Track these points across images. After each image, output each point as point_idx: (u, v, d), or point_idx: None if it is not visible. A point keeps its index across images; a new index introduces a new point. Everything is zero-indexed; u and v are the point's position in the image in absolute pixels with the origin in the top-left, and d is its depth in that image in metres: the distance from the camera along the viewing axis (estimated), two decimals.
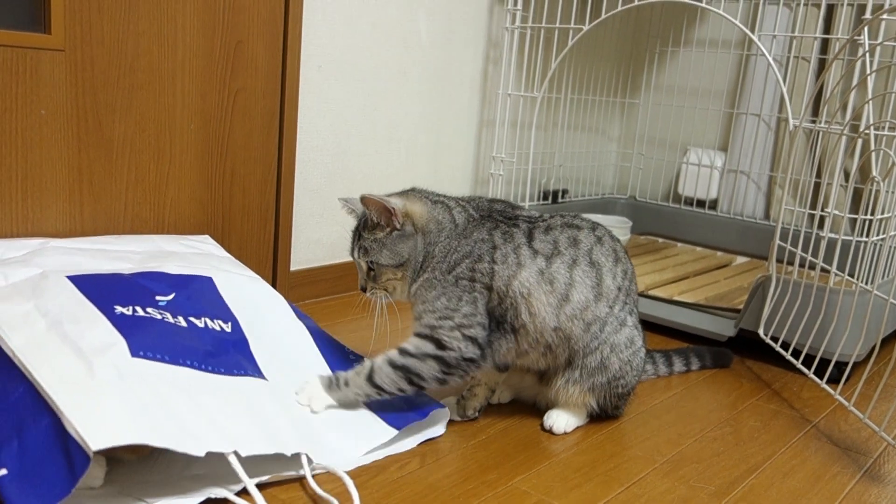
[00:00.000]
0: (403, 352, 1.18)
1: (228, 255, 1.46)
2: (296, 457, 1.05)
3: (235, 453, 0.96)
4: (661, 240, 2.57)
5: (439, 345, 1.17)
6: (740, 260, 2.37)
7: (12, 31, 1.26)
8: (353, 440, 1.12)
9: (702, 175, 2.54)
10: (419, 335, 1.19)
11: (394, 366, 1.16)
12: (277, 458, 1.07)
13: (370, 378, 1.16)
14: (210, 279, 1.28)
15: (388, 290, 1.23)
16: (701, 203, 2.56)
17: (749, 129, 2.45)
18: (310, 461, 1.04)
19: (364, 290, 1.25)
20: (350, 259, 1.27)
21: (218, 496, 0.97)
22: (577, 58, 2.46)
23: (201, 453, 0.90)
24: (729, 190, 2.51)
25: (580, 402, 1.26)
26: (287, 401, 1.13)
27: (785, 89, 1.66)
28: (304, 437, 1.06)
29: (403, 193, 1.26)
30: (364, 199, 1.18)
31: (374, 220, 1.20)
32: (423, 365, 1.16)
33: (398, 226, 1.20)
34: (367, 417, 1.16)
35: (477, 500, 1.04)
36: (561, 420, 1.26)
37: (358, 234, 1.23)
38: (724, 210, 2.51)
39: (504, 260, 1.19)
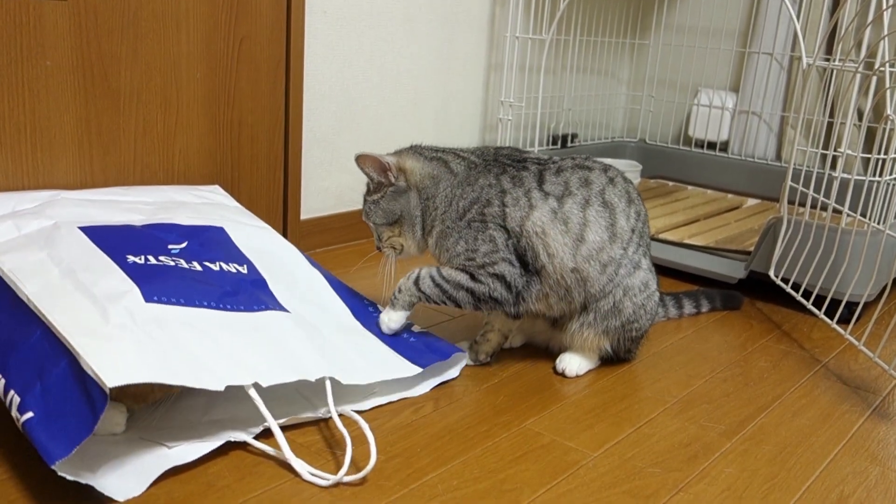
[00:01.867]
0: (441, 275, 1.22)
1: (238, 205, 1.47)
2: (312, 400, 1.07)
3: (256, 387, 0.97)
4: (671, 183, 2.56)
5: (472, 277, 1.20)
6: (751, 202, 2.36)
7: None
8: (379, 369, 1.14)
9: (713, 117, 2.51)
10: (454, 268, 1.22)
11: (434, 281, 1.22)
12: (295, 401, 1.09)
13: (417, 283, 1.22)
14: (222, 228, 1.28)
15: (395, 248, 1.27)
16: (712, 145, 2.54)
17: (761, 68, 2.42)
18: (324, 410, 1.05)
19: (379, 249, 1.30)
20: (358, 207, 1.32)
21: (237, 439, 0.99)
22: None
23: (220, 387, 0.91)
24: (740, 131, 2.48)
25: (594, 346, 1.27)
26: (311, 330, 1.13)
27: (799, 27, 1.63)
28: (329, 362, 1.07)
29: (399, 151, 1.28)
30: (359, 158, 1.22)
31: (373, 181, 1.24)
32: (456, 293, 1.21)
33: (393, 180, 1.23)
34: (391, 356, 1.18)
35: (491, 442, 1.06)
36: (573, 363, 1.28)
37: (364, 199, 1.28)
38: (735, 152, 2.49)
39: (515, 203, 1.19)
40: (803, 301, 1.56)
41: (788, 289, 1.61)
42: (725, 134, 2.51)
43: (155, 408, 1.03)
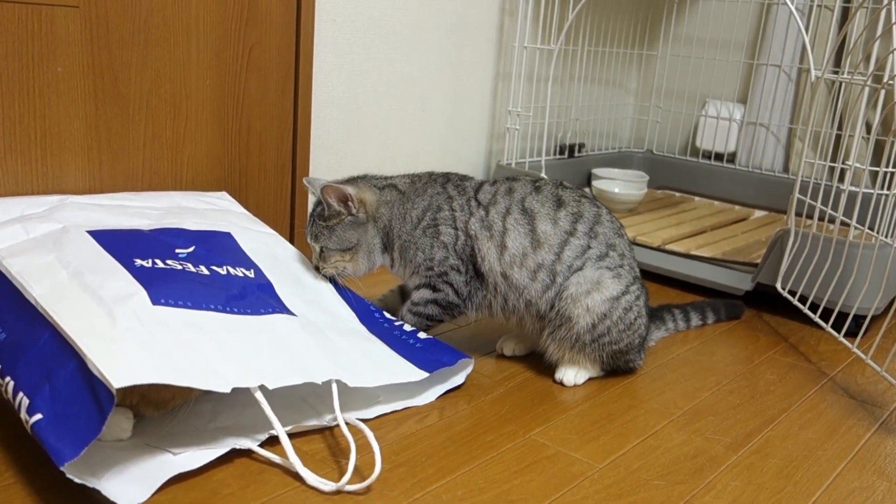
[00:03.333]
0: (413, 303, 1.32)
1: (245, 211, 1.47)
2: (317, 408, 1.07)
3: (263, 391, 0.97)
4: (678, 194, 2.56)
5: (434, 289, 1.30)
6: (758, 214, 2.35)
7: None
8: (385, 372, 1.13)
9: (720, 128, 2.51)
10: (418, 286, 1.32)
11: (411, 312, 1.32)
12: (299, 409, 1.09)
13: (404, 323, 1.31)
14: (229, 234, 1.29)
15: (338, 270, 1.32)
16: (719, 156, 2.54)
17: (769, 80, 2.41)
18: (331, 414, 1.06)
19: (317, 269, 1.33)
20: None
21: (242, 447, 0.99)
22: (594, 9, 2.42)
23: (226, 389, 0.91)
24: (748, 143, 2.48)
25: (573, 359, 1.28)
26: (318, 333, 1.13)
27: (807, 39, 1.63)
28: (335, 364, 1.07)
29: (353, 180, 1.36)
30: (324, 189, 1.28)
31: (332, 208, 1.30)
32: (426, 309, 1.31)
33: (354, 211, 1.30)
34: (398, 360, 1.18)
35: (496, 452, 1.06)
36: (570, 373, 1.28)
37: (312, 220, 1.32)
38: (742, 163, 2.49)
39: (461, 208, 1.30)
40: (810, 314, 1.56)
41: (795, 301, 1.60)
42: (733, 145, 2.50)
43: (173, 415, 1.04)
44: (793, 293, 1.61)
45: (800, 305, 1.59)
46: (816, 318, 1.54)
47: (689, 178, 2.56)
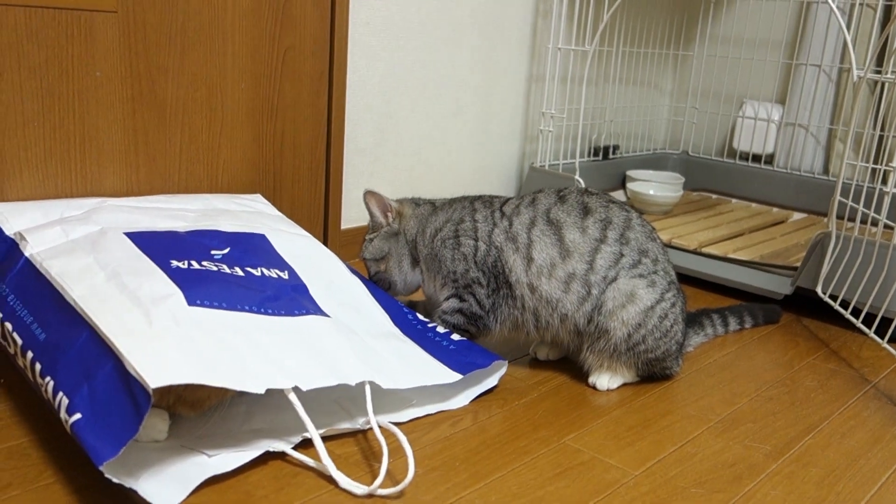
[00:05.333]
0: (443, 311, 1.32)
1: (279, 213, 1.48)
2: (350, 410, 1.07)
3: (297, 391, 0.97)
4: (714, 196, 2.52)
5: (460, 299, 1.30)
6: (797, 216, 2.31)
7: None
8: (419, 374, 1.13)
9: (758, 129, 2.47)
10: (448, 297, 1.32)
11: (441, 320, 1.32)
12: (333, 412, 1.09)
13: (437, 325, 1.31)
14: (263, 235, 1.29)
15: (380, 281, 1.39)
16: (757, 158, 2.50)
17: (808, 80, 2.37)
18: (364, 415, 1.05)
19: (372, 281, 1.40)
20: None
21: (276, 449, 0.99)
22: (629, 9, 2.39)
23: (261, 390, 0.92)
24: (786, 144, 2.43)
25: (609, 366, 1.26)
26: (351, 335, 1.13)
27: (849, 38, 1.59)
28: (369, 366, 1.07)
29: (405, 200, 1.43)
30: (366, 194, 1.38)
31: (375, 218, 1.40)
32: (452, 318, 1.31)
33: (389, 221, 1.39)
34: (431, 362, 1.18)
35: (529, 457, 1.04)
36: (604, 378, 1.27)
37: (364, 238, 1.43)
38: (780, 165, 2.44)
39: (484, 220, 1.30)
40: (852, 319, 1.52)
41: (837, 306, 1.57)
42: (771, 146, 2.46)
43: (208, 416, 1.04)
44: (834, 297, 1.58)
45: (841, 310, 1.55)
46: (859, 324, 1.50)
47: (725, 179, 2.52)
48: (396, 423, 1.08)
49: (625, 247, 1.24)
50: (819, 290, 1.60)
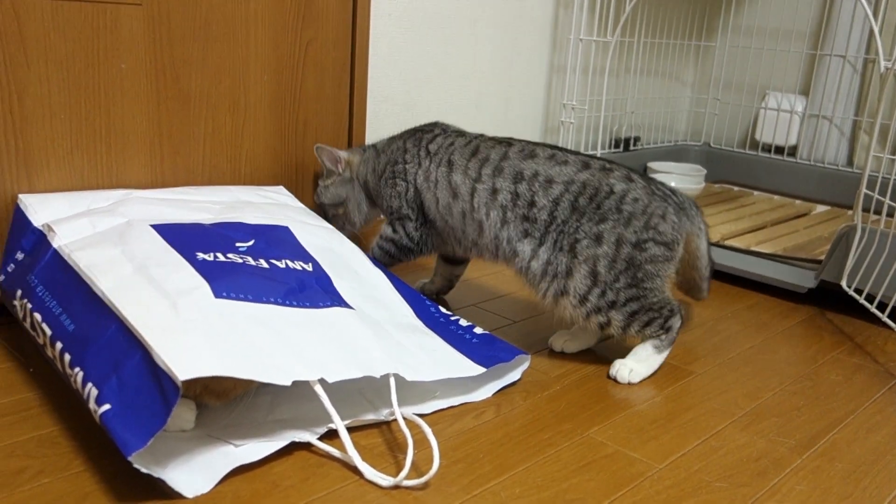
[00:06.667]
0: (378, 237, 1.48)
1: (302, 205, 1.48)
2: (374, 402, 1.07)
3: (322, 382, 0.97)
4: (736, 188, 2.50)
5: (393, 229, 1.46)
6: (820, 209, 2.29)
7: None
8: (443, 367, 1.13)
9: (781, 120, 2.44)
10: (386, 223, 1.48)
11: (377, 245, 1.48)
12: (357, 403, 1.10)
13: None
14: (287, 228, 1.30)
15: (338, 225, 1.50)
16: (779, 149, 2.47)
17: (833, 71, 2.34)
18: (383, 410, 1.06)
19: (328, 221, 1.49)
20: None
21: (302, 440, 1.00)
22: (651, 0, 2.38)
23: (287, 382, 0.92)
24: (810, 136, 2.41)
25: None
26: (376, 327, 1.14)
27: (876, 27, 1.57)
28: (393, 359, 1.08)
29: (351, 149, 1.55)
30: (317, 149, 1.51)
31: (326, 168, 1.52)
32: (385, 244, 1.47)
33: (340, 171, 1.52)
34: (455, 355, 1.18)
35: (553, 450, 1.05)
36: (624, 369, 1.27)
37: (316, 183, 1.55)
38: (803, 157, 2.42)
39: (412, 160, 1.42)
40: (878, 313, 1.51)
41: (862, 300, 1.55)
42: (794, 138, 2.44)
43: (235, 405, 1.05)
44: (859, 291, 1.56)
45: (866, 304, 1.54)
46: (884, 318, 1.49)
47: (747, 171, 2.51)
48: (420, 415, 1.08)
49: (498, 179, 1.30)
50: (844, 283, 1.59)
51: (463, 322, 1.31)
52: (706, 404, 1.21)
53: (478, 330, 1.29)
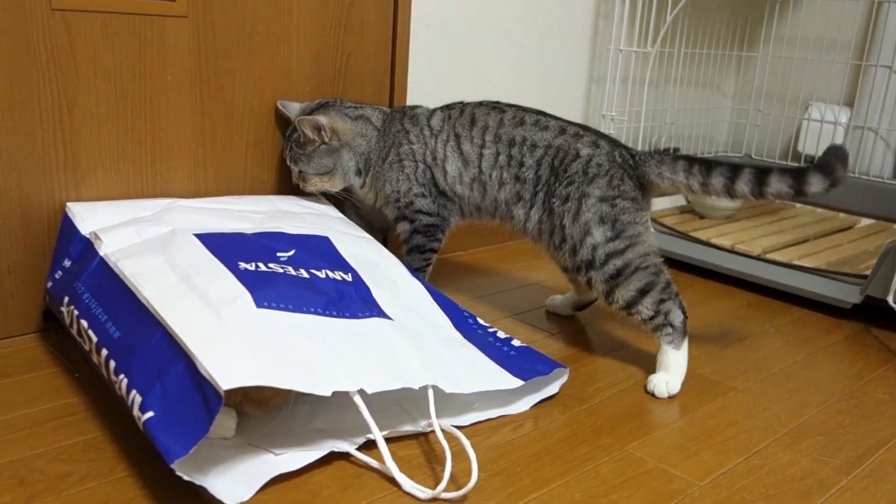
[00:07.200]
0: (402, 241, 1.50)
1: (342, 215, 1.49)
2: (412, 413, 1.07)
3: (362, 393, 0.98)
4: (778, 200, 2.46)
5: (410, 221, 1.47)
6: (864, 222, 2.24)
7: (140, 0, 1.31)
8: (481, 379, 1.13)
9: (824, 132, 2.40)
10: (396, 219, 1.49)
11: (406, 252, 1.49)
12: (395, 413, 1.10)
13: (409, 265, 1.40)
14: (327, 238, 1.31)
15: (318, 188, 1.49)
16: None
17: (879, 82, 2.30)
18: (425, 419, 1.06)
19: (297, 185, 1.50)
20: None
21: (340, 450, 1.00)
22: (692, 10, 2.36)
23: (327, 393, 0.93)
24: (854, 148, 2.36)
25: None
26: (414, 338, 1.14)
27: None
28: (432, 370, 1.08)
29: (325, 107, 1.47)
30: (299, 121, 1.42)
31: (306, 136, 1.44)
32: (413, 240, 1.48)
33: (326, 140, 1.44)
34: (493, 367, 1.18)
35: (592, 465, 1.04)
36: (660, 385, 1.26)
37: (289, 145, 1.47)
38: (848, 169, 2.37)
39: (417, 139, 1.45)
40: None
41: None
42: None
43: (274, 414, 1.06)
44: None
45: None
46: None
47: None
48: (458, 427, 1.08)
49: (498, 144, 1.39)
50: (890, 299, 1.55)
51: (501, 334, 1.30)
52: (748, 421, 1.19)
53: (516, 342, 1.29)
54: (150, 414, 0.90)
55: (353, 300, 1.15)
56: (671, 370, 1.27)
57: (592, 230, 1.29)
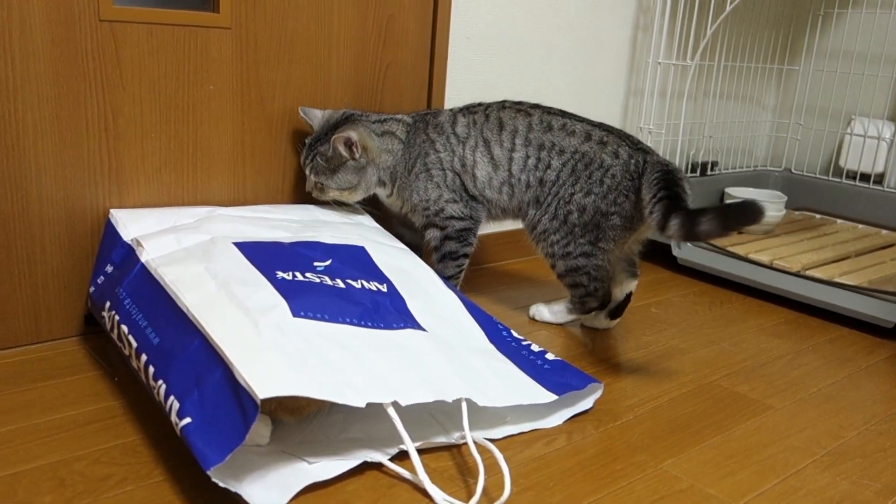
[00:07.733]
0: (433, 249, 1.52)
1: (378, 225, 1.50)
2: (445, 424, 1.07)
3: (395, 405, 0.98)
4: (818, 216, 2.43)
5: (440, 228, 1.50)
6: None
7: (185, 11, 1.34)
8: (514, 393, 1.13)
9: (867, 147, 2.36)
10: (425, 226, 1.52)
11: (438, 260, 1.51)
12: (428, 424, 1.10)
13: (441, 273, 1.48)
14: (363, 248, 1.32)
15: (333, 198, 1.49)
16: (865, 177, 2.39)
17: None
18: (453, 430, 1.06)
19: (310, 193, 1.50)
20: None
21: (374, 460, 1.01)
22: (732, 23, 2.33)
23: (362, 404, 0.93)
24: None
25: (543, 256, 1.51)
26: (449, 350, 1.14)
27: None
28: (466, 383, 1.08)
29: (350, 121, 1.46)
30: (335, 139, 1.41)
31: (337, 151, 1.43)
32: (445, 247, 1.51)
33: (356, 157, 1.44)
34: (527, 381, 1.17)
35: (626, 482, 1.03)
36: (534, 308, 1.57)
37: (313, 154, 1.45)
38: (891, 185, 2.33)
39: (444, 148, 1.48)
40: None
41: None
42: (881, 166, 2.35)
43: (308, 422, 1.07)
44: None
45: None
46: None
47: (830, 199, 2.43)
48: (491, 440, 1.08)
49: (529, 148, 1.45)
50: None
51: (535, 347, 1.30)
52: (785, 441, 1.17)
53: (550, 356, 1.28)
54: (187, 420, 0.91)
55: (388, 311, 1.16)
56: (551, 311, 1.56)
57: (576, 234, 1.43)
